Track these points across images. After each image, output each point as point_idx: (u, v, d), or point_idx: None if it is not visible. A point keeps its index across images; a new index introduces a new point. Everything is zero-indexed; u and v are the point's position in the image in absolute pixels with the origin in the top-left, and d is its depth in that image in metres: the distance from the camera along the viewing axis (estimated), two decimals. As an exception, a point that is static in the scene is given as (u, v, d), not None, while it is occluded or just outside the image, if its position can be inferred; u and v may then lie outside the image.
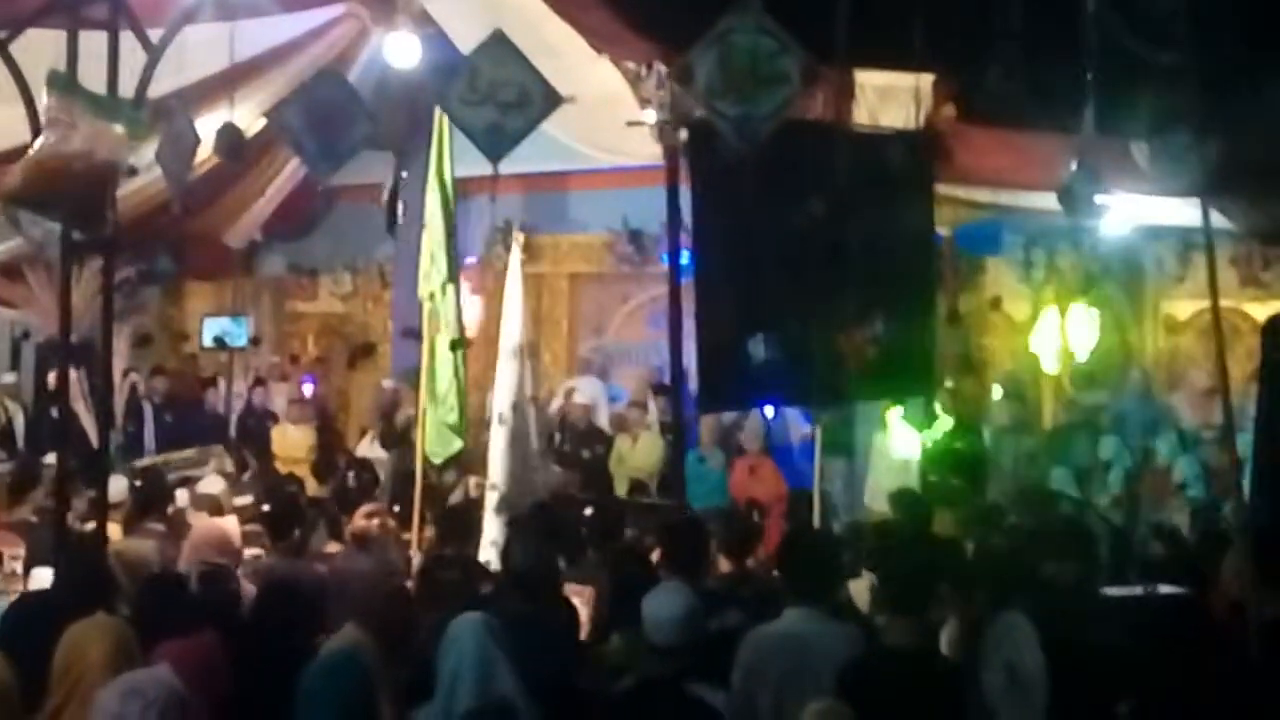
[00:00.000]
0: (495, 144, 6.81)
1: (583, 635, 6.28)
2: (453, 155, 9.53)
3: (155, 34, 8.41)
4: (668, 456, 11.93)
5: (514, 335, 8.92)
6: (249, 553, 7.98)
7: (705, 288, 7.10)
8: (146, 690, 3.45)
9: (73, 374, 11.10)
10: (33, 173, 7.29)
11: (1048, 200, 8.60)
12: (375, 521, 7.76)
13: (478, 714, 3.71)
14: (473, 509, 8.75)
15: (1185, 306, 12.19)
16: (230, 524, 8.29)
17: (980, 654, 4.92)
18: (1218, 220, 8.68)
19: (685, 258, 12.78)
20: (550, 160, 13.13)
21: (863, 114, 8.28)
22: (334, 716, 3.72)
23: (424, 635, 4.80)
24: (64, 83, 7.34)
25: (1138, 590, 5.14)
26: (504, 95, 6.75)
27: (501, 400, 8.95)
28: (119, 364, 14.99)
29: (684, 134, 7.88)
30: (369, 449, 12.74)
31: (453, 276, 9.50)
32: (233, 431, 13.99)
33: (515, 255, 9.05)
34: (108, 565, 6.15)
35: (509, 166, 11.36)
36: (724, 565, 7.15)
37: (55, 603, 4.96)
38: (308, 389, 15.03)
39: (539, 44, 8.03)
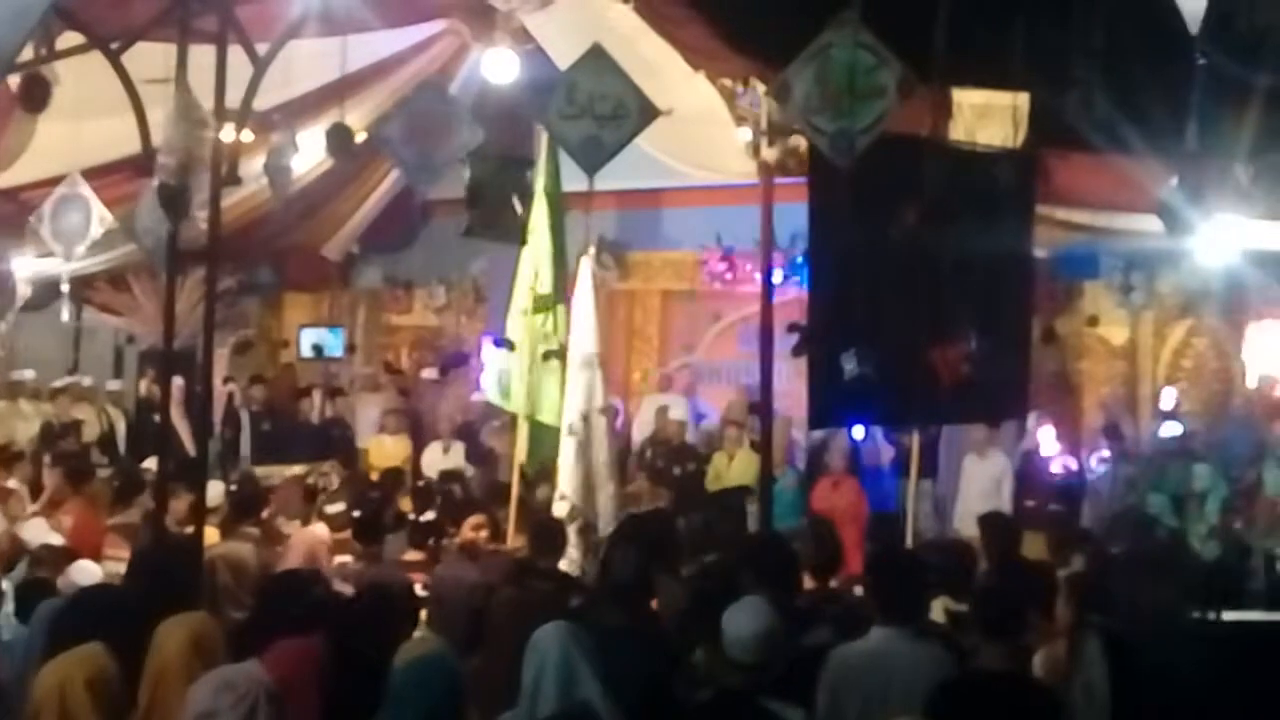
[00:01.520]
0: (592, 157, 6.86)
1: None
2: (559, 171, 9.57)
3: (262, 48, 8.59)
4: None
5: (585, 346, 8.94)
6: (337, 560, 8.11)
7: (814, 303, 7.07)
8: (238, 684, 3.52)
9: (174, 382, 11.33)
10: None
11: (1147, 223, 8.50)
12: (484, 533, 7.86)
13: (559, 718, 3.73)
14: (561, 522, 8.77)
15: (1289, 332, 11.91)
16: (323, 531, 8.44)
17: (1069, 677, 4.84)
18: (1323, 245, 8.51)
19: (778, 276, 12.87)
20: (644, 177, 13.20)
21: (959, 132, 8.23)
22: (421, 715, 3.76)
23: (514, 644, 4.84)
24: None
25: (1245, 615, 5.02)
26: (601, 109, 6.81)
27: (572, 411, 8.97)
28: (219, 372, 15.32)
29: (800, 145, 7.85)
30: (443, 460, 12.86)
31: (558, 291, 9.58)
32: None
33: (586, 268, 9.04)
34: (194, 565, 6.31)
35: (604, 183, 11.48)
36: (809, 583, 7.12)
37: (136, 601, 5.08)
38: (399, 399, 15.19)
39: (636, 61, 8.08)
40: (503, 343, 9.34)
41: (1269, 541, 8.96)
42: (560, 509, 8.64)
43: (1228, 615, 4.23)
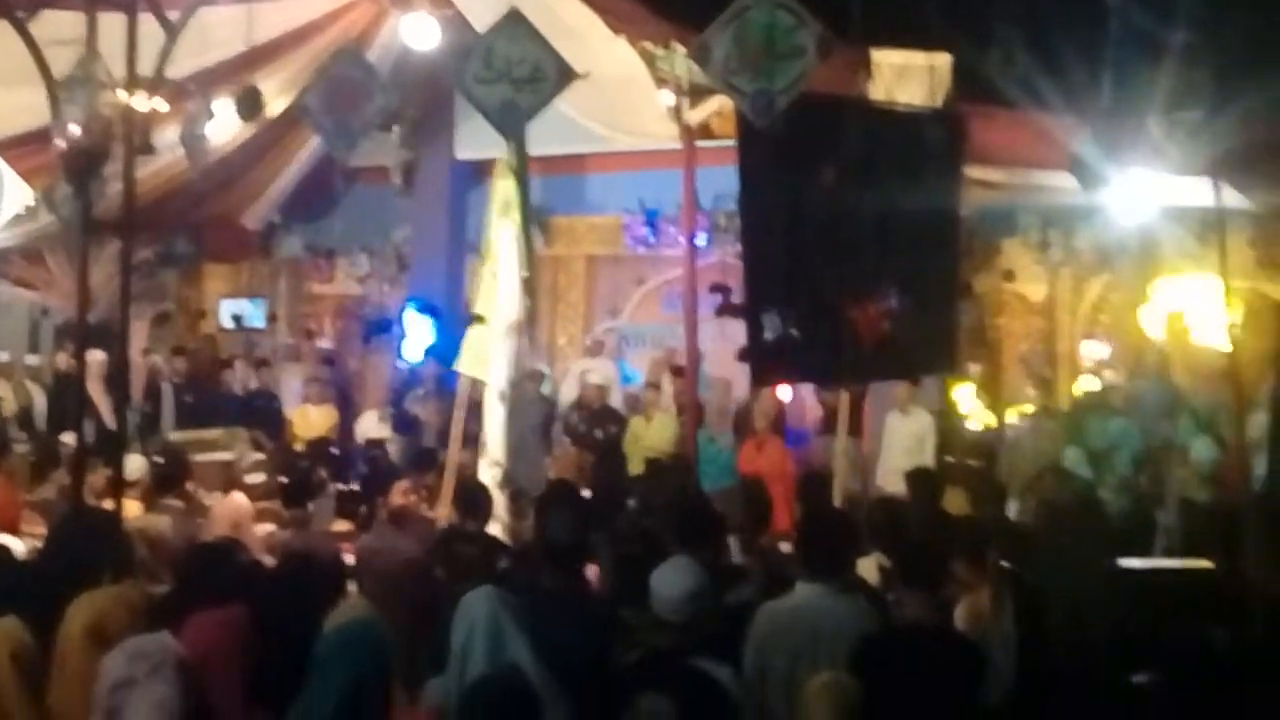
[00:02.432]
0: (510, 121, 6.83)
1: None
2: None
3: (175, 15, 8.43)
4: (681, 436, 11.99)
5: (511, 313, 8.89)
6: (261, 529, 8.05)
7: (747, 264, 7.10)
8: (151, 652, 3.51)
9: (93, 355, 11.16)
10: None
11: (1064, 180, 8.62)
12: (413, 498, 7.83)
13: (487, 681, 3.74)
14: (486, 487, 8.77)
15: (1204, 287, 12.12)
16: (244, 500, 8.37)
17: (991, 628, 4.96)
18: (1237, 199, 8.66)
19: (701, 239, 12.91)
20: (568, 142, 13.18)
21: (879, 92, 8.29)
22: (348, 684, 3.76)
23: (442, 610, 4.84)
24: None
25: (1155, 563, 5.16)
26: (518, 72, 6.77)
27: (499, 377, 8.92)
28: (137, 345, 15.11)
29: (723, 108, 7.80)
30: (376, 429, 12.80)
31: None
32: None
33: (508, 232, 8.95)
34: (113, 538, 6.25)
35: (527, 148, 11.41)
36: (736, 542, 7.19)
37: (51, 575, 5.03)
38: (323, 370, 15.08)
39: (556, 25, 8.05)
40: (474, 318, 9.23)
41: (1178, 493, 9.16)
42: (492, 475, 8.62)
43: (1136, 563, 4.36)
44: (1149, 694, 4.07)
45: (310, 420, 13.41)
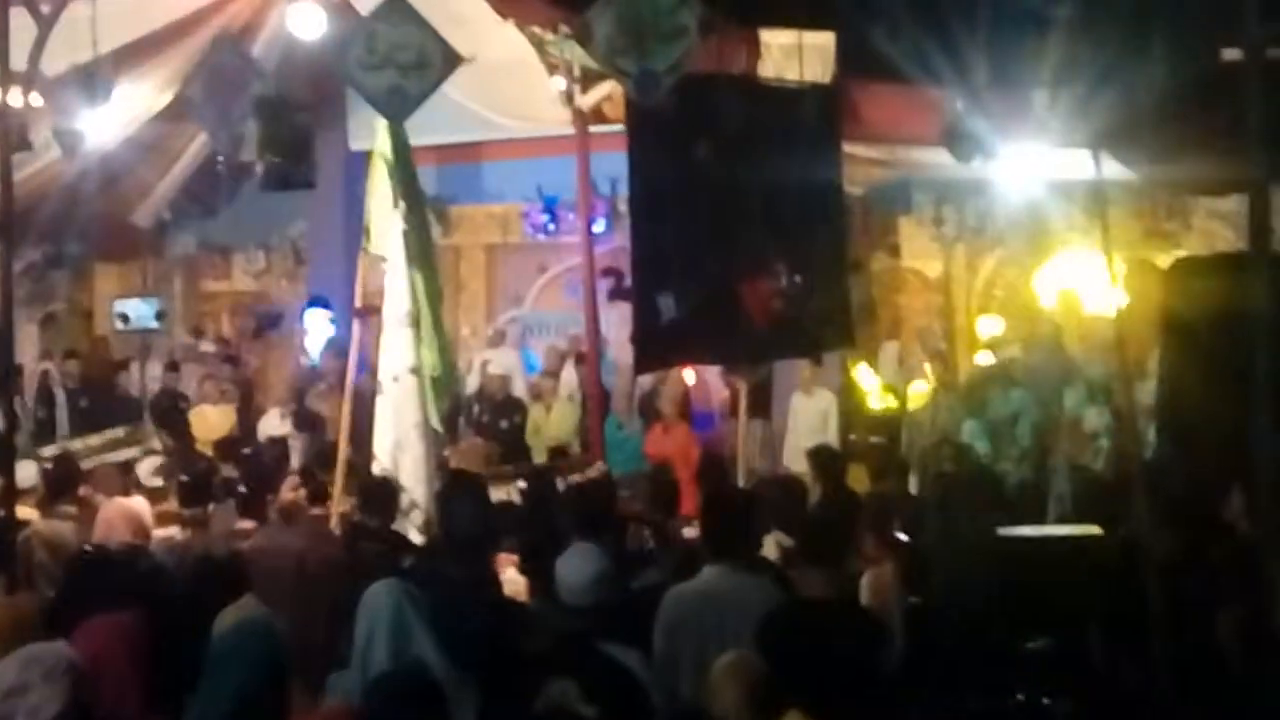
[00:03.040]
0: (396, 107, 6.76)
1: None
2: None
3: (48, 9, 8.23)
4: (584, 424, 11.99)
5: (402, 303, 8.75)
6: (161, 533, 7.88)
7: (635, 246, 7.07)
8: (44, 659, 3.43)
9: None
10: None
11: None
12: (302, 492, 7.69)
13: (391, 677, 3.71)
14: (393, 481, 8.65)
15: (1093, 260, 12.36)
16: (140, 504, 8.18)
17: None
18: (1121, 172, 8.83)
19: (599, 225, 12.92)
20: (461, 130, 13.10)
21: (769, 71, 8.31)
22: (243, 684, 3.70)
23: (345, 606, 4.78)
24: None
25: (1044, 530, 5.25)
26: (403, 57, 6.69)
27: (385, 370, 8.75)
28: (28, 349, 14.75)
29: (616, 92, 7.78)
30: (278, 426, 12.62)
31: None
32: (147, 415, 13.76)
33: (397, 221, 8.79)
34: (3, 545, 6.13)
35: (421, 138, 11.31)
36: (644, 526, 7.20)
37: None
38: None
39: (442, 10, 7.95)
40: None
41: (1072, 462, 9.31)
42: (380, 471, 8.49)
43: (1025, 531, 4.43)
44: (1041, 659, 4.14)
45: (209, 421, 13.17)
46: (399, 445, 8.46)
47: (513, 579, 6.21)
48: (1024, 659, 4.14)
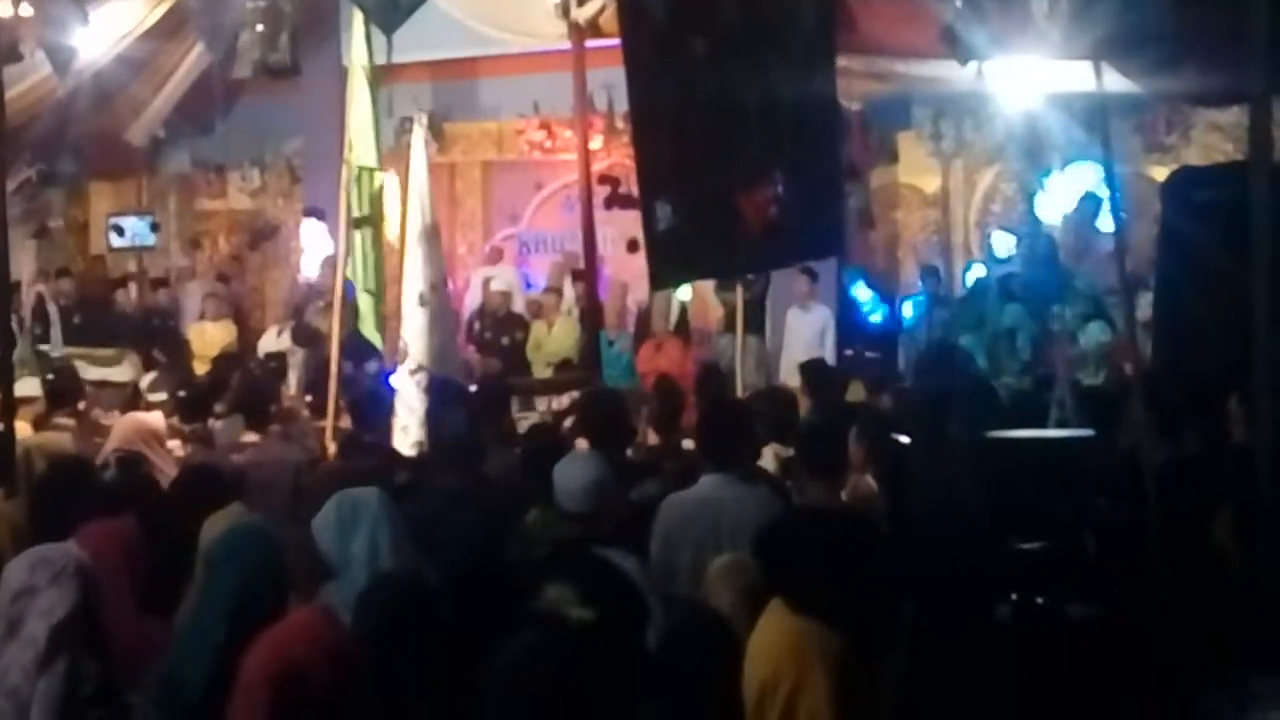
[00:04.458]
0: (388, 16, 6.68)
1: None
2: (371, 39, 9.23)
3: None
4: (584, 340, 12.00)
5: (423, 218, 8.77)
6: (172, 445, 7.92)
7: (637, 155, 7.00)
8: (54, 559, 3.47)
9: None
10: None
11: (953, 70, 8.64)
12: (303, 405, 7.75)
13: (380, 584, 3.74)
14: (387, 395, 8.69)
15: (1091, 173, 12.31)
16: (155, 418, 8.23)
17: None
18: (1122, 84, 8.75)
19: (596, 141, 12.81)
20: (456, 45, 12.98)
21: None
22: (242, 582, 3.73)
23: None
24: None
25: (1038, 433, 5.29)
26: (396, -34, 6.61)
27: (420, 281, 8.83)
28: (26, 267, 14.72)
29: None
30: (276, 343, 12.65)
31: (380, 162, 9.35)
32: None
33: (418, 136, 8.82)
34: (4, 456, 6.18)
35: (416, 54, 11.20)
36: (652, 439, 7.25)
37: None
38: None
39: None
40: (361, 222, 9.04)
41: (1070, 373, 9.34)
42: (416, 381, 8.56)
43: (1019, 434, 4.45)
44: (1035, 561, 4.19)
45: (208, 337, 13.21)
46: (444, 352, 8.57)
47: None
48: (1017, 560, 4.18)
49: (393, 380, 8.81)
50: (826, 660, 3.48)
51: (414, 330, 8.76)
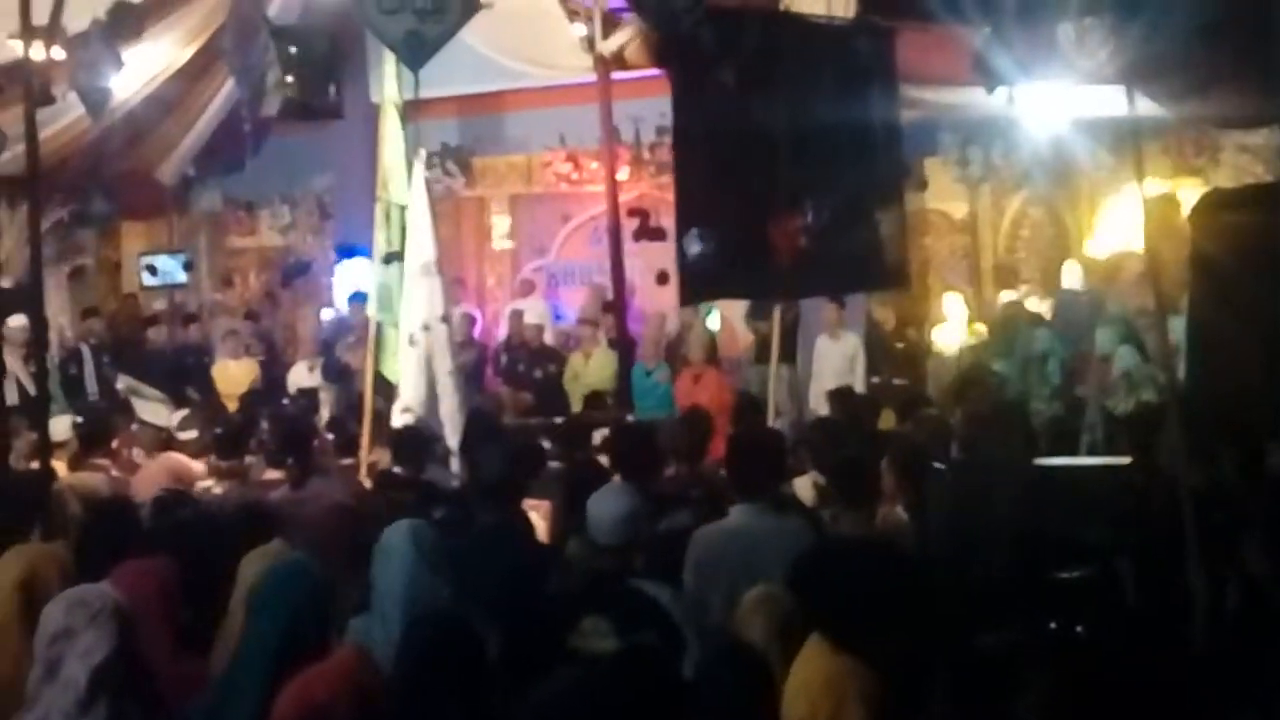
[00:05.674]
0: (414, 52, 6.75)
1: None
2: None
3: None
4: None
5: (423, 254, 8.75)
6: (200, 485, 7.97)
7: (677, 186, 7.03)
8: (90, 601, 3.48)
9: (13, 322, 10.94)
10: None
11: (980, 96, 8.65)
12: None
13: (426, 621, 3.74)
14: (424, 430, 8.68)
15: (1120, 197, 12.28)
16: (183, 459, 8.29)
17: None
18: (1150, 108, 8.74)
19: (622, 172, 12.87)
20: (482, 80, 13.07)
21: (796, 6, 8.25)
22: (283, 623, 3.74)
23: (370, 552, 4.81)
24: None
25: (1074, 461, 5.26)
26: (421, 3, 6.67)
27: (412, 320, 8.77)
28: (61, 307, 14.85)
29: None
30: (306, 379, 12.68)
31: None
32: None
33: (419, 171, 8.81)
34: (40, 498, 6.23)
35: (444, 88, 11.26)
36: (676, 469, 7.23)
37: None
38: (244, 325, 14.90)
39: (463, -44, 7.92)
40: (392, 257, 9.04)
41: (1102, 398, 9.30)
42: (403, 421, 8.54)
43: (1056, 462, 4.42)
44: (1077, 591, 4.15)
45: (231, 375, 13.24)
46: (433, 395, 8.51)
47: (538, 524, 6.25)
48: (1056, 589, 4.16)
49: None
50: (864, 699, 3.47)
51: (404, 371, 8.72)
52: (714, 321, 13.06)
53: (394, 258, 8.83)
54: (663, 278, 13.77)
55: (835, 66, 7.16)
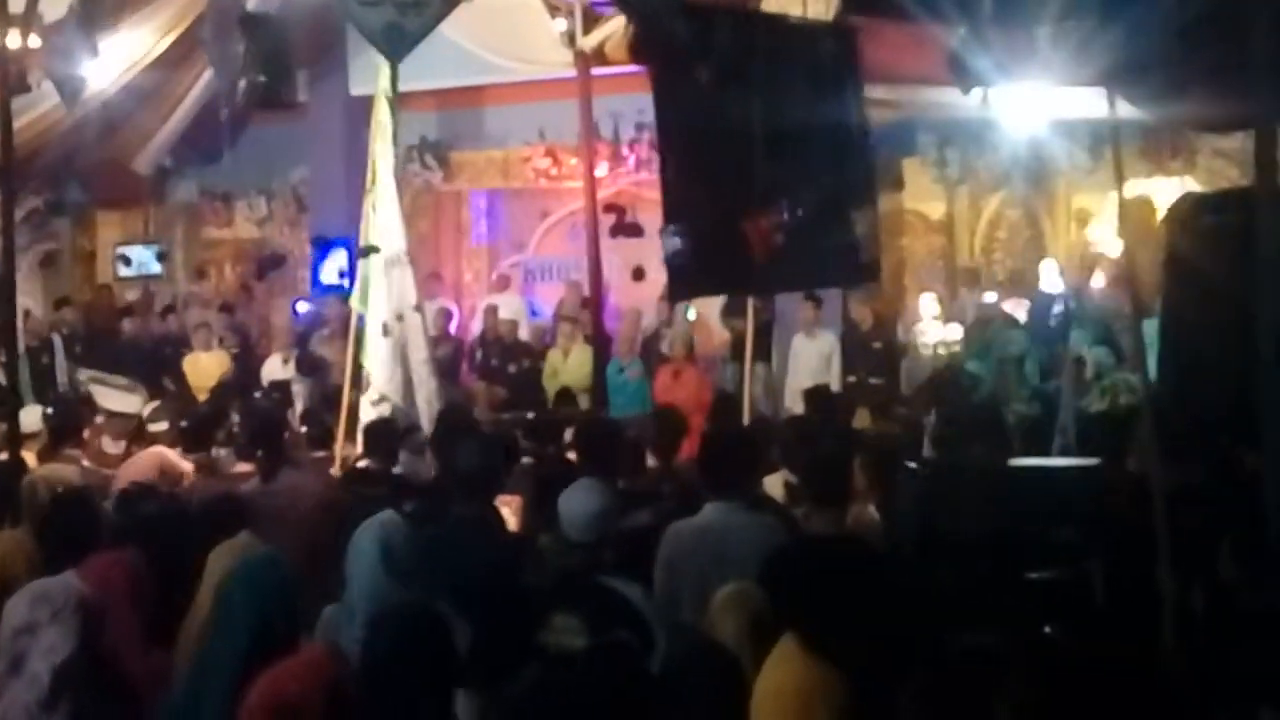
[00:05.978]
0: (395, 45, 6.72)
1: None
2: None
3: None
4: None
5: (392, 244, 8.73)
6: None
7: (662, 182, 7.03)
8: (54, 596, 3.46)
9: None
10: None
11: (958, 96, 8.66)
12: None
13: (394, 612, 3.71)
14: (395, 424, 8.65)
15: (1097, 199, 12.33)
16: (169, 451, 8.22)
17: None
18: (1128, 110, 8.76)
19: (601, 169, 12.86)
20: (462, 73, 13.03)
21: (772, 5, 8.25)
22: (253, 617, 3.72)
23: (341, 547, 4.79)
24: None
25: (1044, 461, 5.27)
26: (401, -5, 6.65)
27: (384, 311, 8.74)
28: (33, 294, 14.75)
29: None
30: (281, 372, 12.63)
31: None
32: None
33: (388, 160, 8.76)
34: (9, 489, 6.18)
35: (424, 82, 11.21)
36: (651, 465, 7.22)
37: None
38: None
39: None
40: (366, 250, 9.01)
41: (1076, 399, 9.32)
42: (377, 412, 8.51)
43: (1026, 462, 4.43)
44: (1047, 591, 4.16)
45: (202, 367, 13.17)
46: (410, 384, 8.49)
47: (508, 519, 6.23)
48: (1027, 589, 4.16)
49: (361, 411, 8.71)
50: (833, 709, 3.46)
51: (376, 360, 8.69)
52: (690, 314, 13.07)
53: (372, 250, 8.79)
54: (638, 273, 13.78)
55: (806, 66, 7.16)
